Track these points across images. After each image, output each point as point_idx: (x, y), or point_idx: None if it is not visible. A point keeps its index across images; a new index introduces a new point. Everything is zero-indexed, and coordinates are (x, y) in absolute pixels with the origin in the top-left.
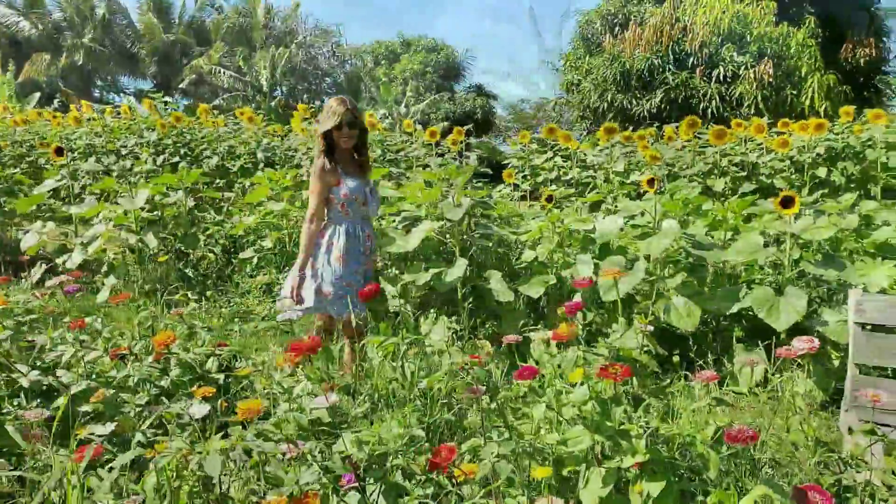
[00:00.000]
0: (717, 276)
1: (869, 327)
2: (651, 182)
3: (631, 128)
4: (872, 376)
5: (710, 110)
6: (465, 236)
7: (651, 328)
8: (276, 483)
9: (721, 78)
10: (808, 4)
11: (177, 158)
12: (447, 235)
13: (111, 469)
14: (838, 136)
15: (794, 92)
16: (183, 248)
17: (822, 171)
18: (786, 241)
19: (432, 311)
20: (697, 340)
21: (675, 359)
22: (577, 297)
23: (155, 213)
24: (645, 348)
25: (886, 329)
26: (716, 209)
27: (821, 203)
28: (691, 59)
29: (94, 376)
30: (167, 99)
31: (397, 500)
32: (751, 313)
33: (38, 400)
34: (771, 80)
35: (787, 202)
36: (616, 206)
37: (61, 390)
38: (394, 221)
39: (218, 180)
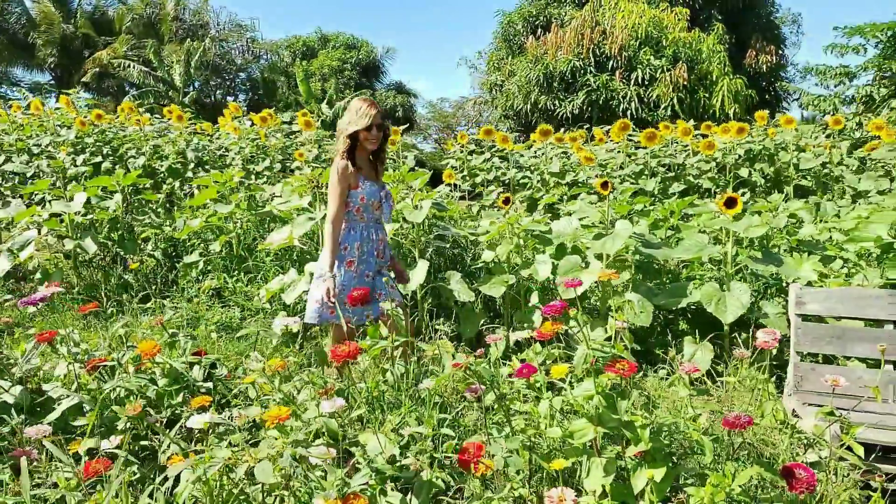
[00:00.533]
0: (658, 273)
1: (808, 318)
2: (605, 185)
3: (554, 128)
4: (807, 362)
5: (629, 112)
6: (421, 237)
7: (626, 325)
8: (321, 487)
9: (639, 80)
10: (717, 12)
11: (98, 158)
12: (404, 237)
13: (165, 479)
14: (755, 139)
15: (707, 95)
16: (122, 253)
17: (744, 172)
18: (728, 239)
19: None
20: (646, 334)
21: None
22: (535, 298)
23: (88, 216)
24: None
25: (823, 319)
26: (657, 209)
27: (751, 203)
28: (611, 62)
29: (74, 389)
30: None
31: (428, 498)
32: (693, 307)
33: (23, 416)
34: (685, 83)
35: (730, 203)
36: (568, 209)
37: (50, 405)
38: None
39: (145, 182)
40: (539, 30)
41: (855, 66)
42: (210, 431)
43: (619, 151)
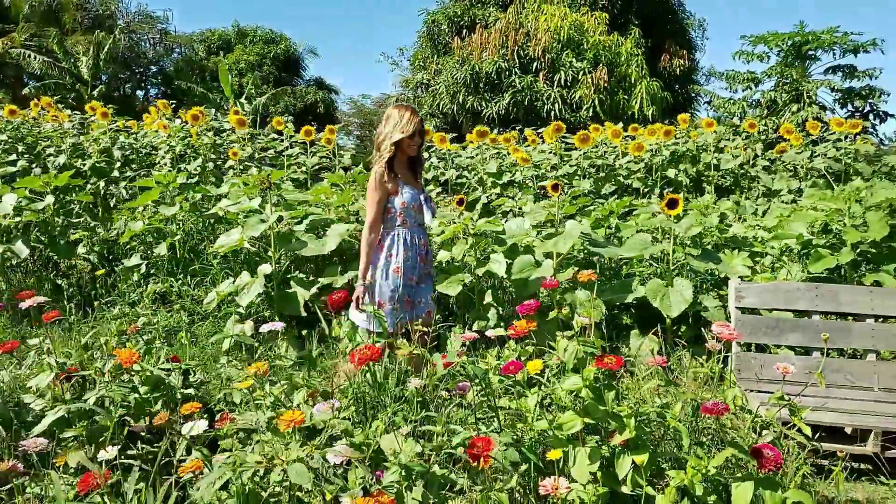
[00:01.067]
0: (601, 270)
1: (746, 310)
2: (555, 187)
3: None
4: (746, 352)
5: (553, 112)
6: None
7: (590, 321)
8: (349, 486)
9: (562, 82)
10: (633, 17)
11: (13, 157)
12: (358, 239)
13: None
14: (679, 141)
15: (626, 97)
16: (56, 257)
17: (671, 173)
18: (670, 237)
19: (344, 313)
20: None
21: None
22: (489, 297)
23: (17, 219)
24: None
25: (760, 311)
26: (597, 209)
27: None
28: (535, 64)
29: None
30: None
31: (439, 493)
32: (635, 302)
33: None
34: (606, 85)
35: (671, 204)
36: (505, 208)
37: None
38: (299, 224)
39: (78, 182)
40: (464, 30)
41: (760, 73)
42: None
43: (552, 153)
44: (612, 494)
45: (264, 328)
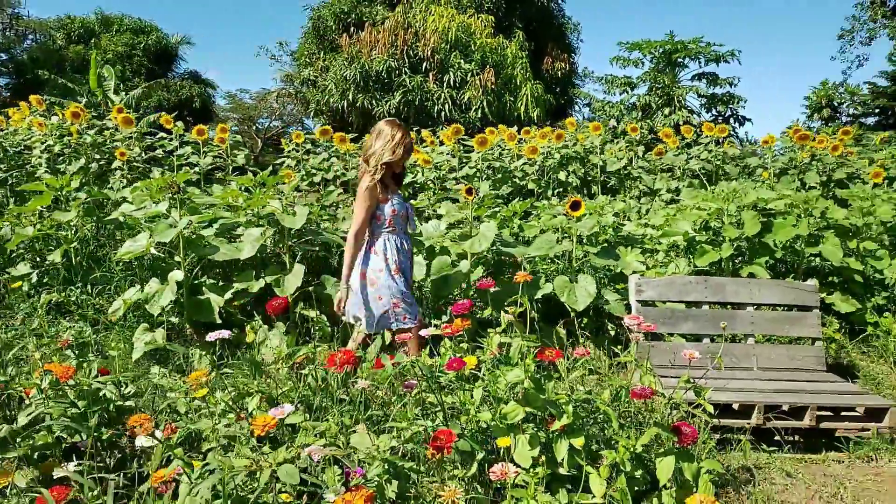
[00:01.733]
0: (508, 268)
1: (645, 303)
2: (469, 191)
3: (370, 127)
4: (646, 340)
5: (443, 113)
6: (292, 241)
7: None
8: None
9: (451, 83)
10: (517, 20)
11: None
12: (274, 243)
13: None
14: (569, 143)
15: (512, 98)
16: None
17: (562, 175)
18: (572, 237)
19: (258, 318)
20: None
21: None
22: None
23: None
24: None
25: (655, 304)
26: (502, 210)
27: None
28: (424, 64)
29: None
30: None
31: (405, 485)
32: (542, 297)
33: None
34: (493, 86)
35: (575, 206)
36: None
37: None
38: (207, 228)
39: None
40: (352, 27)
41: (636, 78)
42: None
43: (452, 155)
44: (552, 475)
45: (211, 336)
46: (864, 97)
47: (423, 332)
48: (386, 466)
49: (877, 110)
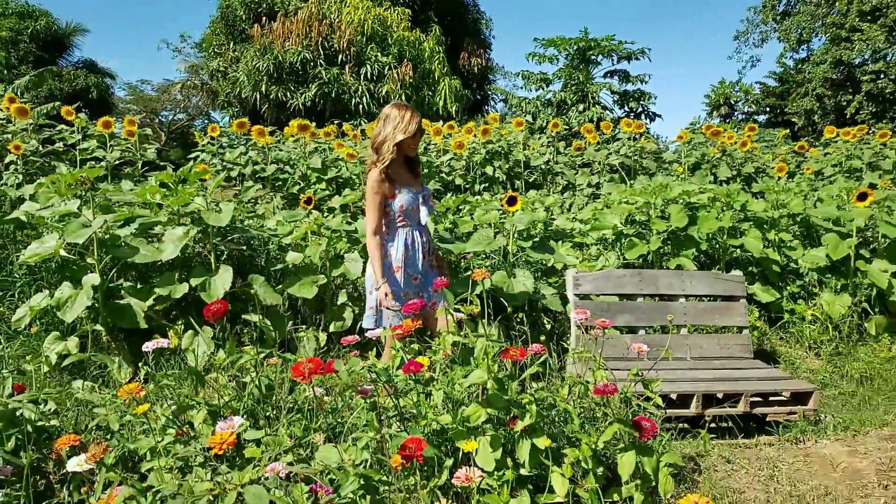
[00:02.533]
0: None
1: (582, 297)
2: None
3: (287, 121)
4: (584, 333)
5: (361, 106)
6: (217, 240)
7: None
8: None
9: (369, 76)
10: (433, 14)
11: None
12: (199, 242)
13: None
14: (494, 139)
15: (431, 93)
16: None
17: (489, 170)
18: (508, 232)
19: (180, 321)
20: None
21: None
22: (343, 297)
23: None
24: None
25: (591, 297)
26: (436, 205)
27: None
28: (340, 56)
29: None
30: None
31: (376, 499)
32: (478, 293)
33: None
34: (412, 80)
35: (511, 201)
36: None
37: None
38: (123, 228)
39: None
40: (264, 18)
41: (551, 74)
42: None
43: None
44: (517, 476)
45: (148, 346)
46: (756, 96)
47: (369, 334)
48: (361, 482)
49: (767, 108)
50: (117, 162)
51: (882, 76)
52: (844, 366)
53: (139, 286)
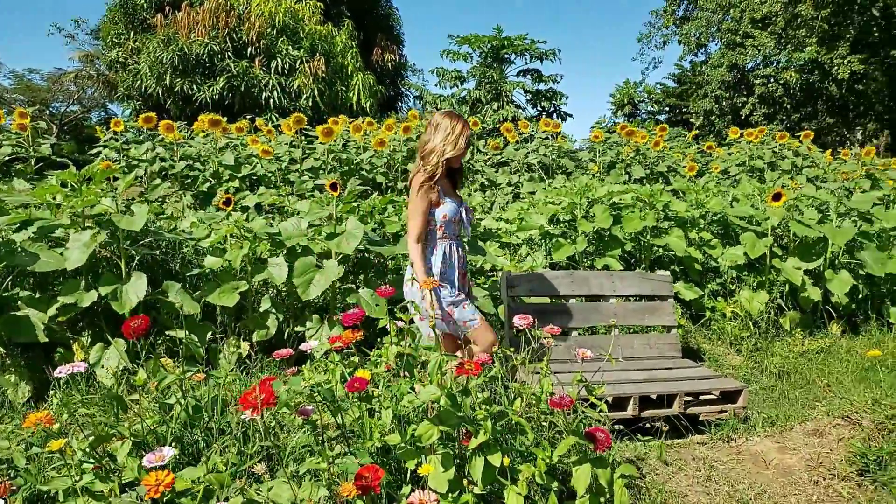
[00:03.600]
0: (371, 266)
1: (516, 299)
2: (334, 186)
3: (195, 115)
4: (519, 337)
5: (272, 101)
6: (127, 244)
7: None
8: None
9: (279, 69)
10: (346, 8)
11: None
12: (108, 247)
13: None
14: (412, 136)
15: (344, 88)
16: None
17: (412, 167)
18: None
19: (87, 332)
20: (366, 324)
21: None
22: (266, 303)
23: None
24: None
25: (524, 299)
26: (362, 205)
27: None
28: (249, 49)
29: None
30: None
31: None
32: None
33: None
34: (324, 75)
35: None
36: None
37: None
38: (19, 232)
39: None
40: (167, 7)
41: (465, 72)
42: None
43: (294, 145)
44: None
45: (62, 371)
46: (658, 96)
47: (303, 346)
48: None
49: (668, 108)
50: (8, 158)
51: (772, 80)
52: (763, 361)
53: (38, 295)
